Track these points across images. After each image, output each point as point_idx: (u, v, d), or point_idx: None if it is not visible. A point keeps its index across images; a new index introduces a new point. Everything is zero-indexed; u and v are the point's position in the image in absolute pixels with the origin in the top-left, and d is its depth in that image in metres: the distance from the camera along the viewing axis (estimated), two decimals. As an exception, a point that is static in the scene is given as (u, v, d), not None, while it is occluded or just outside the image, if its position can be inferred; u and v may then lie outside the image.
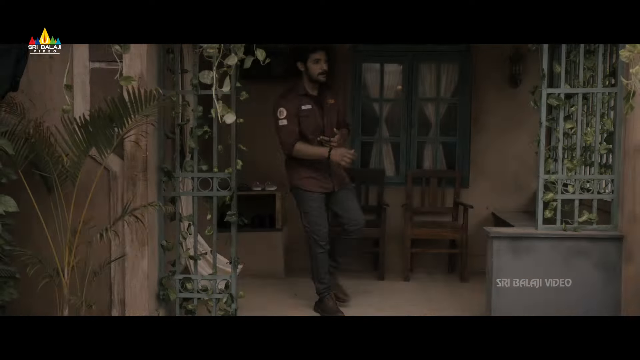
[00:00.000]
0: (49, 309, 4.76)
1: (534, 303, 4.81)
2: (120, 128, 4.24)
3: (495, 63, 7.37)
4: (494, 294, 4.86)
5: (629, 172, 4.68)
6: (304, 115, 5.31)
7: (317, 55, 5.28)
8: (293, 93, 5.35)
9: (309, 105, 5.33)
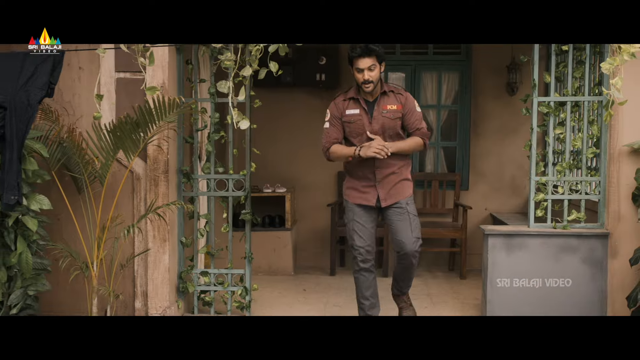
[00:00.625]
0: (78, 300, 5.13)
1: (527, 298, 5.11)
2: (145, 133, 4.59)
3: (493, 72, 7.68)
4: (489, 287, 5.18)
5: (614, 175, 4.99)
6: (347, 121, 4.70)
7: (359, 64, 4.51)
8: (343, 96, 4.79)
9: (355, 110, 4.69)
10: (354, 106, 4.70)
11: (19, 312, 4.59)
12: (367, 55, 4.45)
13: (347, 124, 4.70)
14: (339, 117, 4.72)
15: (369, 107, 4.68)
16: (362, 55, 4.45)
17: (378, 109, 4.67)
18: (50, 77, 4.33)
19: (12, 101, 4.16)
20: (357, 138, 4.70)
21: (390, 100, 4.68)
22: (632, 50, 4.20)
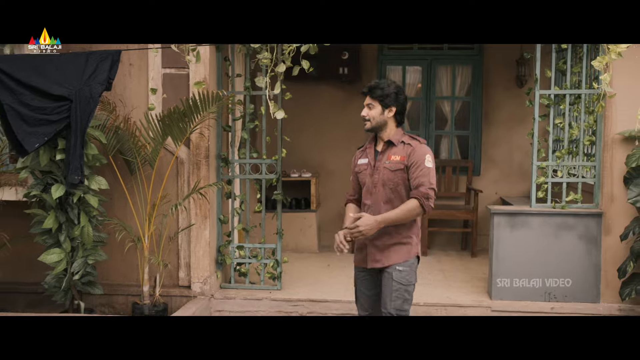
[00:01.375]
0: (129, 270, 5.74)
1: (528, 270, 5.63)
2: (191, 122, 5.16)
3: (504, 66, 8.16)
4: (495, 260, 5.71)
5: (608, 160, 5.49)
6: (357, 171, 4.21)
7: (366, 99, 4.09)
8: (366, 144, 4.26)
9: (365, 160, 4.17)
10: (365, 156, 4.20)
11: (80, 279, 5.20)
12: (368, 93, 4.04)
13: (358, 174, 4.21)
14: (354, 167, 4.28)
15: (376, 156, 4.13)
16: (365, 93, 4.07)
17: (382, 159, 4.08)
18: (109, 73, 4.92)
19: (77, 95, 4.76)
20: (365, 192, 4.14)
21: (397, 151, 4.04)
22: (618, 50, 4.69)
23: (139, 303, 5.36)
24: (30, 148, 4.70)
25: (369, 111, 4.05)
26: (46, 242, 5.18)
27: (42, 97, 4.70)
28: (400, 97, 4.06)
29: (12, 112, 4.64)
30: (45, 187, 5.11)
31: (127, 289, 5.77)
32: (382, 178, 4.05)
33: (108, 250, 5.49)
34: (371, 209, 4.05)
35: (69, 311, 5.32)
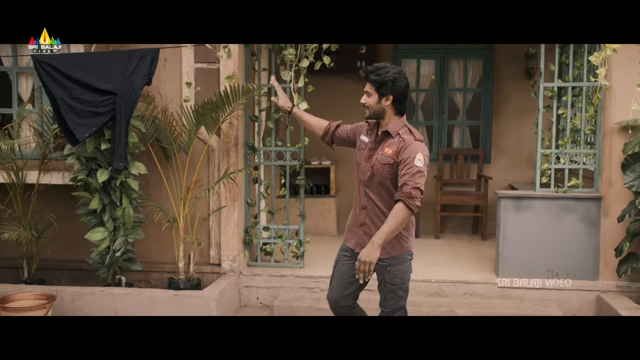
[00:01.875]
0: (165, 248, 6.21)
1: (532, 250, 6.05)
2: (222, 113, 5.62)
3: (513, 59, 8.55)
4: (501, 241, 6.13)
5: (607, 148, 5.88)
6: (358, 145, 4.07)
7: (366, 86, 3.91)
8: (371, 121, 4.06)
9: (366, 138, 4.00)
10: (369, 134, 4.02)
11: (121, 255, 5.69)
12: (365, 77, 3.87)
13: (358, 150, 4.06)
14: (353, 133, 4.17)
15: (376, 142, 3.95)
16: (363, 76, 3.89)
17: (377, 147, 3.92)
18: (149, 69, 5.36)
19: (121, 89, 5.22)
20: (355, 170, 4.06)
21: (391, 143, 3.85)
22: (613, 46, 5.09)
23: (175, 278, 5.84)
24: (81, 137, 5.18)
25: (367, 99, 3.87)
26: (91, 222, 5.66)
27: (91, 91, 5.16)
28: (399, 84, 3.81)
29: (64, 106, 5.12)
30: (89, 172, 5.59)
31: (162, 266, 6.25)
32: (372, 169, 3.88)
33: (145, 230, 5.96)
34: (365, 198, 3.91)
35: (111, 285, 5.81)
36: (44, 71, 5.07)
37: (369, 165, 3.90)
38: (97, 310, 5.57)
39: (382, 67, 3.82)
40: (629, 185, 5.62)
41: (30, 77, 6.56)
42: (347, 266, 4.01)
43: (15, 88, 6.51)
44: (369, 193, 3.90)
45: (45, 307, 5.28)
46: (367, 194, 3.91)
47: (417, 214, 8.02)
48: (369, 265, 3.55)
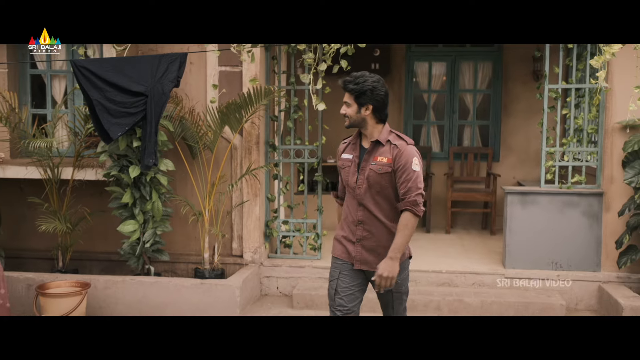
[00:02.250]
0: (190, 241, 6.57)
1: (537, 242, 6.36)
2: (246, 113, 5.98)
3: (521, 61, 8.85)
4: (508, 234, 6.45)
5: (608, 146, 6.19)
6: (340, 165, 3.92)
7: (345, 97, 3.79)
8: (349, 139, 3.98)
9: (349, 155, 3.87)
10: (350, 151, 3.89)
11: (150, 247, 6.06)
12: (343, 89, 3.78)
13: (340, 169, 3.93)
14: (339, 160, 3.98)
15: (362, 153, 3.85)
16: (344, 88, 3.78)
17: (368, 159, 3.81)
18: (178, 72, 5.74)
19: (151, 91, 5.59)
20: (349, 188, 3.87)
21: (384, 152, 3.79)
22: (612, 50, 5.39)
23: (200, 268, 6.20)
24: (114, 136, 5.55)
25: (346, 109, 3.77)
26: (122, 215, 6.04)
27: (124, 93, 5.54)
28: (378, 93, 3.74)
29: (99, 106, 5.49)
30: (121, 168, 5.96)
31: (187, 258, 6.61)
32: (368, 180, 3.77)
33: (171, 224, 6.32)
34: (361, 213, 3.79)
35: (140, 274, 6.18)
36: (82, 75, 5.45)
37: (362, 177, 3.77)
38: (127, 297, 5.94)
39: (360, 76, 3.74)
40: (629, 181, 5.91)
41: (63, 79, 6.94)
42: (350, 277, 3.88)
43: (49, 90, 6.90)
44: (367, 206, 3.78)
45: (81, 294, 5.65)
46: (365, 208, 3.79)
47: (428, 210, 8.38)
48: (391, 280, 3.60)
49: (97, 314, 5.94)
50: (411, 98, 9.29)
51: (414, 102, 9.35)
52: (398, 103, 9.27)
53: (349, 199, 3.87)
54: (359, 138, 3.88)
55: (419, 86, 9.39)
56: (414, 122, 9.34)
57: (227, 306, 5.81)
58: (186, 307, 5.85)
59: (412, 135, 9.25)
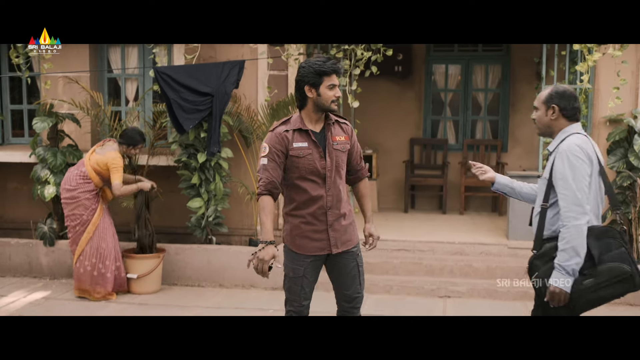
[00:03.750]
0: (242, 217, 7.74)
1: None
2: (293, 109, 7.12)
3: (527, 64, 9.86)
4: (511, 213, 7.55)
5: (595, 137, 7.21)
6: (295, 155, 3.80)
7: (332, 79, 3.77)
8: (283, 126, 3.87)
9: (303, 143, 3.81)
10: (301, 139, 3.82)
11: (213, 220, 7.23)
12: (339, 71, 3.83)
13: (296, 159, 3.80)
14: (283, 152, 3.81)
15: (318, 139, 3.84)
16: (337, 71, 3.80)
17: (329, 142, 3.85)
18: (237, 76, 6.90)
19: (216, 92, 6.76)
20: (311, 177, 3.83)
21: (337, 131, 3.92)
22: (594, 58, 6.46)
23: (254, 238, 7.38)
24: (187, 128, 6.74)
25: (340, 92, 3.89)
26: (190, 194, 7.21)
27: (194, 93, 6.70)
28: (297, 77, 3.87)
29: (175, 104, 6.67)
30: (189, 155, 7.14)
31: (241, 231, 7.77)
32: (336, 162, 3.86)
33: (231, 201, 7.50)
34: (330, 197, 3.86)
35: (204, 244, 7.36)
36: (162, 79, 6.63)
37: (330, 160, 3.85)
38: (195, 262, 7.14)
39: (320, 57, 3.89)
40: (612, 166, 6.99)
41: (135, 82, 8.14)
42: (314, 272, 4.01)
43: (123, 91, 8.11)
44: (334, 188, 3.88)
45: (159, 257, 6.87)
46: (332, 191, 3.88)
47: (444, 194, 9.48)
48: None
49: (170, 276, 7.13)
50: (430, 96, 10.40)
51: (433, 100, 10.45)
52: (418, 101, 10.38)
53: (311, 188, 3.84)
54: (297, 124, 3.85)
55: (437, 85, 10.47)
56: (432, 117, 10.45)
57: (277, 270, 6.90)
58: (242, 269, 6.97)
59: (431, 129, 10.38)
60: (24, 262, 7.51)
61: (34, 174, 7.32)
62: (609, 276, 3.39)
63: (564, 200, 3.46)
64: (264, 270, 3.75)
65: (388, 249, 7.44)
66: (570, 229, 3.40)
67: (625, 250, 3.43)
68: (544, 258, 3.54)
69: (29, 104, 8.25)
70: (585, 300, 3.44)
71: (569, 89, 3.69)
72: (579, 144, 3.52)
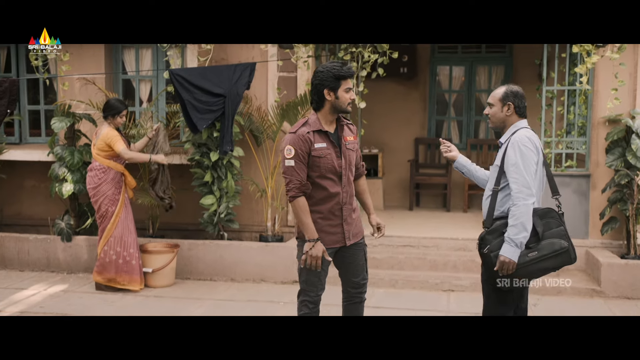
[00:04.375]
0: (253, 214, 7.97)
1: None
2: (302, 110, 7.36)
3: (528, 65, 10.06)
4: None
5: (594, 137, 7.47)
6: (317, 155, 4.05)
7: (349, 83, 4.09)
8: (305, 128, 4.10)
9: (323, 144, 4.07)
10: (320, 139, 4.07)
11: (224, 217, 7.47)
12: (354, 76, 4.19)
13: (317, 159, 4.05)
14: (307, 152, 4.04)
15: (334, 139, 4.13)
16: (352, 75, 4.13)
17: (342, 142, 4.17)
18: (249, 78, 7.13)
19: (228, 93, 6.99)
20: (329, 175, 4.11)
21: (347, 132, 4.24)
22: (592, 60, 6.67)
23: (264, 234, 7.61)
24: (200, 128, 6.97)
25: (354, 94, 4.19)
26: (202, 191, 7.45)
27: (207, 94, 6.94)
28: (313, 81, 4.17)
29: (189, 105, 6.91)
30: (202, 154, 7.38)
31: (251, 228, 8.01)
32: (349, 160, 4.19)
33: (242, 199, 7.73)
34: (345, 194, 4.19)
35: (216, 239, 7.59)
36: (176, 80, 6.87)
37: (345, 160, 4.18)
38: (207, 257, 7.37)
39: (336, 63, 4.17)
40: (610, 164, 7.20)
41: (148, 83, 8.39)
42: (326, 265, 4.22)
43: (137, 92, 8.35)
44: (348, 184, 4.25)
45: (173, 251, 7.12)
46: (347, 187, 4.23)
47: (448, 193, 9.71)
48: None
49: (183, 271, 7.37)
50: (434, 97, 10.62)
51: (437, 100, 10.68)
52: (423, 102, 10.62)
53: (330, 186, 4.13)
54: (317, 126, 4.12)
55: (441, 86, 10.70)
56: (436, 117, 10.68)
57: (287, 264, 7.19)
58: (253, 264, 7.27)
59: (435, 129, 10.61)
60: (42, 257, 7.76)
61: (51, 172, 7.57)
62: (549, 250, 3.90)
63: (515, 183, 3.89)
64: (318, 264, 4.06)
65: (393, 245, 7.66)
66: (520, 207, 3.84)
67: (563, 229, 3.97)
68: (494, 233, 3.97)
69: (45, 105, 8.51)
70: (529, 270, 3.92)
71: (520, 89, 4.20)
72: (528, 136, 4.03)
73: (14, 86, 7.20)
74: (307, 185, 4.08)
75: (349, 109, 4.14)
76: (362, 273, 4.38)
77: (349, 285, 4.39)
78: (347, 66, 4.12)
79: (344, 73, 4.07)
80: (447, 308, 6.40)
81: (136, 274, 6.91)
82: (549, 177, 4.15)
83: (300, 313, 4.30)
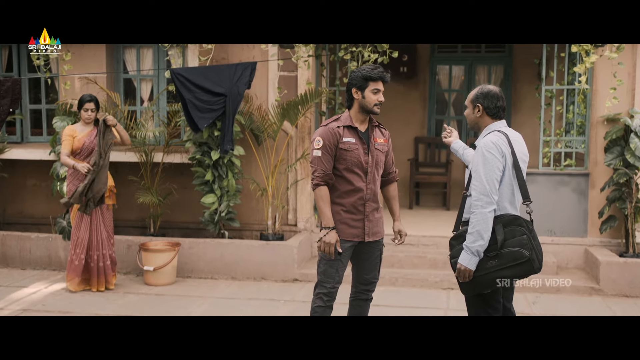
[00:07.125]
0: (253, 212, 7.98)
1: (535, 213, 7.66)
2: (303, 109, 7.37)
3: (528, 65, 10.08)
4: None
5: (593, 136, 7.48)
6: (344, 149, 4.22)
7: (378, 85, 4.24)
8: (335, 123, 4.31)
9: (352, 139, 4.24)
10: (349, 134, 4.26)
11: (225, 215, 7.48)
12: (385, 79, 4.29)
13: (344, 152, 4.22)
14: (335, 145, 4.22)
15: (363, 137, 4.30)
16: (383, 78, 4.26)
17: (371, 141, 4.32)
18: (249, 77, 7.14)
19: (229, 92, 7.00)
20: (355, 169, 4.26)
21: (378, 134, 4.40)
22: (591, 60, 6.68)
23: (265, 233, 7.63)
24: (202, 127, 6.99)
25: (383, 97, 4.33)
26: (203, 190, 7.46)
27: (208, 93, 6.95)
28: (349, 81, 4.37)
29: (190, 104, 6.92)
30: (203, 153, 7.39)
31: (251, 226, 8.02)
32: (377, 160, 4.32)
33: (242, 197, 7.74)
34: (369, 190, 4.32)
35: (216, 238, 7.61)
36: (178, 80, 6.88)
37: (372, 157, 4.31)
38: (208, 255, 7.38)
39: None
40: (609, 163, 7.21)
41: (149, 82, 8.39)
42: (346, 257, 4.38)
43: (138, 91, 8.36)
44: (373, 182, 4.36)
45: (174, 250, 7.12)
46: (372, 185, 4.36)
47: (448, 191, 9.72)
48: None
49: (184, 269, 7.37)
50: (434, 96, 10.64)
51: (437, 100, 10.69)
52: (423, 101, 10.63)
53: (355, 180, 4.28)
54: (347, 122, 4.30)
55: (441, 86, 10.72)
56: (436, 116, 10.70)
57: (287, 262, 7.21)
58: (254, 263, 7.28)
59: (435, 128, 10.62)
60: (43, 256, 7.77)
61: (53, 170, 7.58)
62: (510, 259, 3.81)
63: (474, 190, 3.84)
64: (330, 251, 4.20)
65: (393, 243, 7.63)
66: (477, 215, 3.78)
67: (527, 237, 3.84)
68: (459, 239, 3.96)
69: (47, 104, 8.51)
70: (488, 278, 3.86)
71: (493, 90, 4.06)
72: (494, 140, 3.89)
73: (16, 85, 7.21)
74: (330, 175, 4.25)
75: (375, 110, 4.29)
76: (374, 271, 4.51)
77: (359, 280, 4.51)
78: (379, 70, 4.26)
79: (372, 75, 4.24)
80: (447, 306, 6.42)
81: (74, 273, 6.70)
82: (520, 182, 4.00)
83: (314, 305, 4.41)
